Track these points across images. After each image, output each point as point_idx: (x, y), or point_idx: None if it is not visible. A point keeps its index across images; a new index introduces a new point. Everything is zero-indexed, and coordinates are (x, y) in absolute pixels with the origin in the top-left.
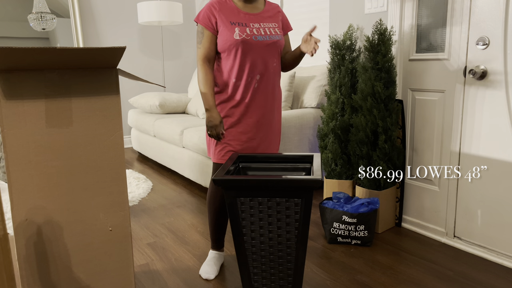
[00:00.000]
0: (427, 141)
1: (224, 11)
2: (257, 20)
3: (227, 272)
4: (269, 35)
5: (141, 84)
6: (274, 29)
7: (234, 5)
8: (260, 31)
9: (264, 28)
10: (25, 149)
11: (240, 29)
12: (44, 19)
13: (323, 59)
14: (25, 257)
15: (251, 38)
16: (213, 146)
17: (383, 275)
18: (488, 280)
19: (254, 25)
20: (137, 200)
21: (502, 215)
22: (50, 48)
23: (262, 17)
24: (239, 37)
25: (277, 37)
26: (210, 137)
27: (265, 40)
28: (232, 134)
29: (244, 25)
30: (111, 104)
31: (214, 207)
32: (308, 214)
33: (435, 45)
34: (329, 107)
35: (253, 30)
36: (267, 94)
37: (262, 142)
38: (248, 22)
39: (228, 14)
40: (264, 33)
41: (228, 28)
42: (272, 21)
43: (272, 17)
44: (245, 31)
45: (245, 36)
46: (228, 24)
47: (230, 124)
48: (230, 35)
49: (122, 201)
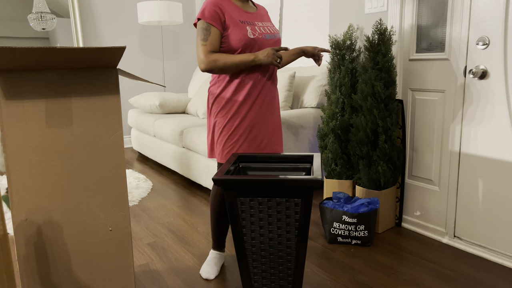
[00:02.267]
0: (427, 141)
1: (229, 10)
2: (258, 19)
3: (227, 272)
4: (274, 34)
5: (141, 84)
6: (273, 28)
7: (234, 4)
8: (266, 29)
9: (266, 26)
10: (25, 149)
11: (251, 27)
12: (44, 19)
13: (323, 59)
14: (25, 257)
15: (262, 37)
16: (219, 147)
17: (383, 275)
18: (488, 280)
19: (258, 23)
20: (137, 200)
21: (502, 215)
22: (50, 48)
23: (260, 16)
24: (253, 36)
25: (279, 35)
26: (273, 61)
27: (272, 38)
28: (240, 133)
29: (253, 24)
30: (111, 104)
31: (215, 207)
32: (308, 214)
33: (435, 45)
34: (329, 107)
35: (261, 29)
36: (272, 91)
37: (269, 141)
38: (254, 21)
39: (234, 13)
40: (270, 31)
41: (239, 26)
42: (267, 20)
43: (265, 16)
44: (255, 29)
45: (258, 35)
46: (238, 22)
47: (238, 123)
48: (243, 33)
49: (122, 201)
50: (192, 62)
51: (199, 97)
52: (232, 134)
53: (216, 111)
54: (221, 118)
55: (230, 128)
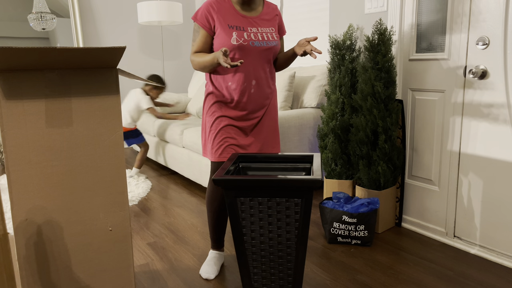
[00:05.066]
0: (427, 141)
1: (222, 12)
2: (255, 24)
3: (227, 272)
4: (266, 41)
5: (141, 84)
6: (272, 34)
7: (232, 6)
8: (257, 36)
9: (262, 33)
10: (25, 149)
11: (237, 33)
12: (44, 19)
13: (323, 59)
14: (25, 257)
15: (248, 44)
16: (209, 145)
17: (383, 275)
18: (488, 280)
19: (252, 29)
20: (137, 199)
21: (502, 215)
22: (50, 48)
23: (260, 21)
24: (236, 42)
25: (273, 43)
26: (222, 63)
27: (262, 46)
28: (228, 132)
29: (242, 29)
30: (111, 104)
31: (213, 206)
32: (308, 214)
33: (435, 45)
34: (329, 107)
35: (251, 35)
36: (263, 97)
37: (262, 145)
38: (246, 26)
39: (226, 16)
40: (261, 38)
41: (225, 31)
42: (269, 25)
43: (269, 21)
44: (242, 36)
45: (242, 42)
46: (226, 27)
47: (227, 123)
48: (227, 39)
49: (122, 201)
50: None
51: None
52: (218, 134)
53: (206, 110)
54: (209, 117)
55: (216, 127)
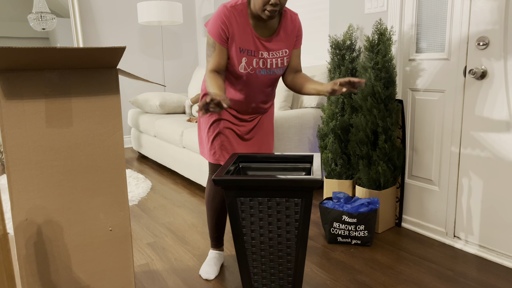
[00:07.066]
0: (427, 141)
1: (237, 29)
2: (268, 47)
3: (227, 272)
4: (274, 69)
5: (141, 84)
6: (282, 60)
7: (248, 21)
8: (266, 64)
9: (272, 59)
10: (25, 149)
11: (247, 60)
12: (44, 19)
13: (323, 59)
14: (25, 257)
15: (255, 72)
16: (207, 146)
17: (383, 275)
18: (488, 280)
19: (263, 54)
20: (137, 199)
21: (502, 215)
22: (50, 48)
23: (275, 43)
24: (244, 71)
25: (280, 71)
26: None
27: (268, 74)
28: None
29: (253, 55)
30: (111, 104)
31: (213, 205)
32: (308, 214)
33: (435, 45)
34: (329, 107)
35: (259, 62)
36: (261, 111)
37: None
38: (258, 50)
39: (241, 35)
40: (269, 66)
41: (236, 55)
42: (284, 46)
43: (286, 39)
44: (251, 64)
45: (250, 71)
46: (237, 50)
47: (224, 125)
48: (235, 64)
49: (122, 201)
50: (192, 62)
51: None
52: (216, 138)
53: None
54: (206, 117)
55: (214, 130)
